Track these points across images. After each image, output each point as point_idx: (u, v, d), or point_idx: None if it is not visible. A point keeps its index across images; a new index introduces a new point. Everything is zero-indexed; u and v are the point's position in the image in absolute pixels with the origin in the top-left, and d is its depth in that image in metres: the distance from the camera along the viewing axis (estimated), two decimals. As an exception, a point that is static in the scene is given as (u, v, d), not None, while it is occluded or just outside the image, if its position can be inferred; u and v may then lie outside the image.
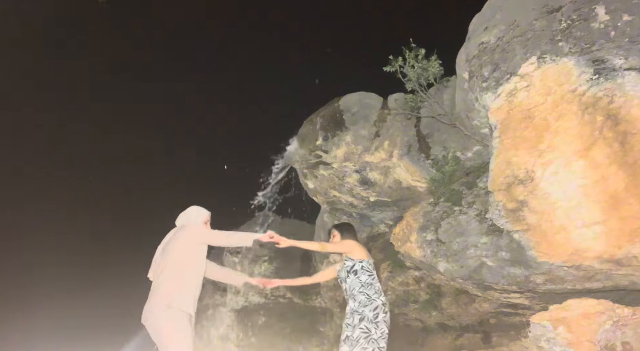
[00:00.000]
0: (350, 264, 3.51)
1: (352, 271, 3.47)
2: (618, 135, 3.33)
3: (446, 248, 4.62)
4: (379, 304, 3.31)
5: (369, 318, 3.25)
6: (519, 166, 3.81)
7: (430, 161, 5.34)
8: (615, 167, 3.33)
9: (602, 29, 3.53)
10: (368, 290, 3.36)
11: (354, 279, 3.43)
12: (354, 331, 3.23)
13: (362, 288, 3.38)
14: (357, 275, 3.44)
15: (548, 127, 3.67)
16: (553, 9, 3.80)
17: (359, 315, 3.28)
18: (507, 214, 3.96)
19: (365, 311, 3.28)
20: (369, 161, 5.89)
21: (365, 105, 6.04)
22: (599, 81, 3.48)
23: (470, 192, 4.82)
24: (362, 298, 3.34)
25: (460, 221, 4.61)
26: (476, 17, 4.49)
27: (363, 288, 3.37)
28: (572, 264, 3.64)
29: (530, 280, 4.07)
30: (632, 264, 3.39)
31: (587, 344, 3.34)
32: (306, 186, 6.81)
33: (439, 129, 5.34)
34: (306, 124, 6.41)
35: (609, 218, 3.36)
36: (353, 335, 3.22)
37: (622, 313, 3.39)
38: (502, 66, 3.97)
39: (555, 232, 3.62)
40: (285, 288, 7.60)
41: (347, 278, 3.47)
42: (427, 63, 5.01)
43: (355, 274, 3.44)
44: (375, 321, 3.24)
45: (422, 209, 5.20)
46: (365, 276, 3.43)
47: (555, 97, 3.66)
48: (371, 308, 3.28)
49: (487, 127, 4.45)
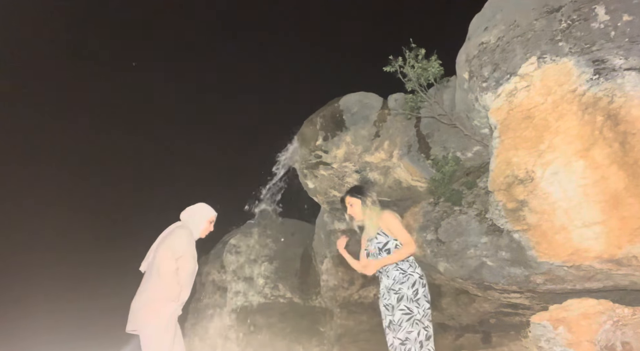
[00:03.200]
0: (384, 241, 3.20)
1: (385, 250, 3.17)
2: (618, 135, 3.33)
3: (446, 248, 4.63)
4: (416, 278, 3.06)
5: (408, 296, 3.00)
6: (519, 166, 3.81)
7: (430, 161, 5.34)
8: (616, 167, 3.33)
9: (602, 29, 3.53)
10: (402, 265, 3.10)
11: (386, 256, 3.16)
12: (394, 314, 3.00)
13: (393, 264, 3.12)
14: (389, 253, 3.15)
15: (548, 127, 3.68)
16: (553, 9, 3.81)
17: (395, 294, 3.04)
18: (507, 214, 3.96)
19: (402, 288, 3.03)
20: (369, 161, 5.89)
21: (365, 105, 6.04)
22: (599, 81, 3.48)
23: (470, 192, 4.83)
24: (396, 274, 3.09)
25: (460, 221, 4.62)
26: (476, 17, 4.49)
27: (396, 263, 3.12)
28: (572, 264, 3.65)
29: (530, 280, 4.07)
30: (632, 264, 3.39)
31: (587, 344, 3.34)
32: (306, 186, 6.81)
33: (439, 129, 5.34)
34: (306, 124, 6.41)
35: (609, 218, 3.36)
36: (394, 318, 2.99)
37: (622, 313, 3.39)
38: (502, 66, 3.97)
39: (555, 232, 3.62)
40: (285, 288, 7.59)
41: (379, 255, 3.18)
42: (427, 63, 5.01)
43: (388, 253, 3.16)
44: (416, 299, 3.00)
45: (422, 209, 5.21)
46: None
47: (556, 97, 3.66)
48: (409, 285, 3.03)
49: (487, 127, 4.45)
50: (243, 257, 7.80)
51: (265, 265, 7.77)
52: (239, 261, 7.78)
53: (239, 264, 7.76)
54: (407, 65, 5.06)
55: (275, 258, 7.86)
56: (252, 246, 7.90)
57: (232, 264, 7.76)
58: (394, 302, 3.03)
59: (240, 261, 7.78)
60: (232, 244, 7.92)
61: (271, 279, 7.68)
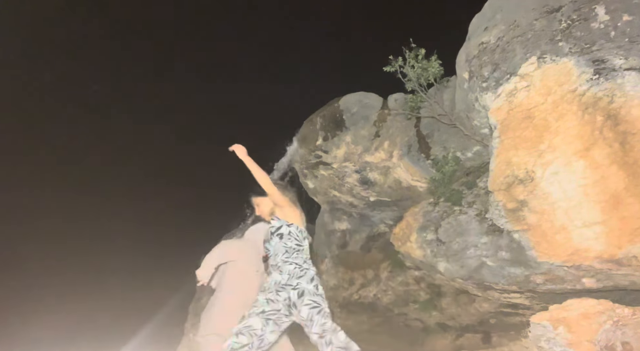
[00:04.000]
0: (277, 225, 2.98)
1: (277, 234, 2.95)
2: (618, 135, 3.33)
3: (446, 248, 4.63)
4: (313, 274, 2.88)
5: (309, 291, 2.78)
6: (519, 166, 3.81)
7: (430, 161, 5.34)
8: (616, 168, 3.33)
9: (602, 29, 3.53)
10: (296, 259, 2.89)
11: (278, 243, 2.93)
12: (301, 310, 2.73)
13: (286, 254, 2.89)
14: (282, 239, 2.93)
15: (548, 127, 3.68)
16: (553, 9, 3.81)
17: (294, 289, 2.78)
18: (507, 214, 3.96)
19: (301, 283, 2.81)
20: (369, 161, 5.89)
21: (365, 105, 6.04)
22: (599, 81, 3.48)
23: (470, 192, 4.83)
24: (290, 269, 2.85)
25: (460, 221, 4.62)
26: (476, 17, 4.49)
27: (288, 255, 2.89)
28: (572, 264, 3.64)
29: (530, 280, 4.07)
30: (632, 264, 3.39)
31: (587, 344, 3.34)
32: (306, 186, 6.81)
33: (439, 129, 5.34)
34: (306, 124, 6.42)
35: (609, 218, 3.36)
36: (302, 314, 2.72)
37: (622, 313, 3.39)
38: (502, 66, 3.97)
39: (556, 232, 3.62)
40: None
41: (271, 241, 2.96)
42: (427, 63, 5.02)
43: (281, 238, 2.93)
44: (319, 293, 2.81)
45: (422, 209, 5.21)
46: (293, 243, 2.92)
47: (556, 97, 3.66)
48: (307, 280, 2.83)
49: (487, 127, 4.45)
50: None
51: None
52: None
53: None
54: (407, 65, 5.06)
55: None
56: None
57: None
58: (295, 298, 2.76)
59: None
60: (232, 244, 7.89)
61: (271, 279, 7.65)
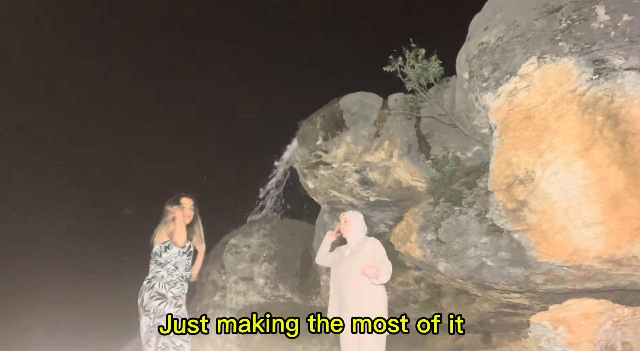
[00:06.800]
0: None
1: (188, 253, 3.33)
2: (618, 135, 3.33)
3: (446, 248, 4.63)
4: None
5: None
6: (519, 166, 3.81)
7: (430, 161, 5.34)
8: (616, 168, 3.33)
9: (602, 29, 3.53)
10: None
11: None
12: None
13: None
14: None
15: (548, 127, 3.68)
16: (553, 9, 3.81)
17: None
18: (507, 214, 3.96)
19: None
20: (369, 161, 5.89)
21: (365, 105, 6.04)
22: (599, 81, 3.48)
23: (470, 192, 4.83)
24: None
25: (460, 221, 4.62)
26: (476, 17, 4.49)
27: None
28: (572, 264, 3.65)
29: (530, 280, 4.07)
30: (632, 264, 3.39)
31: (587, 344, 3.34)
32: (306, 186, 6.81)
33: (439, 129, 5.34)
34: (306, 124, 6.41)
35: (609, 218, 3.36)
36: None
37: (622, 313, 3.39)
38: (502, 66, 3.97)
39: (556, 232, 3.62)
40: (285, 288, 7.60)
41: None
42: (427, 63, 5.01)
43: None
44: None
45: (422, 209, 5.21)
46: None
47: (556, 97, 3.66)
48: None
49: (487, 127, 4.45)
50: (243, 257, 7.81)
51: (265, 265, 7.77)
52: (239, 262, 7.78)
53: (239, 265, 7.77)
54: (407, 65, 5.06)
55: (275, 258, 7.86)
56: (252, 246, 7.90)
57: (232, 265, 7.77)
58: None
59: (240, 261, 7.78)
60: (232, 244, 7.92)
61: (271, 279, 7.69)
